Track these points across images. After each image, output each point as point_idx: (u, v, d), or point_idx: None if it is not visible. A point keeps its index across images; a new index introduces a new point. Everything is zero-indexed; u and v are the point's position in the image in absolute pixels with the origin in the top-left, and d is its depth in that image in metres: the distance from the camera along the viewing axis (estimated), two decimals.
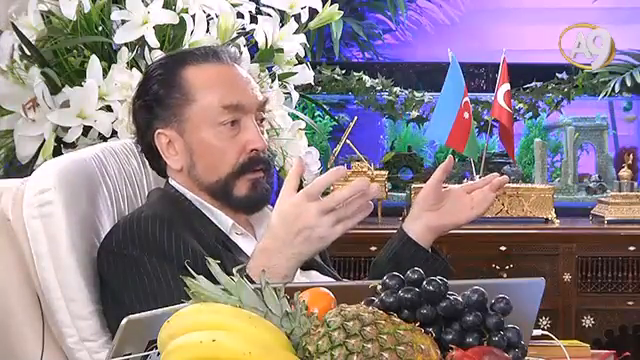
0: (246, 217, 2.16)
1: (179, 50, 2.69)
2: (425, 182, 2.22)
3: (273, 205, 2.19)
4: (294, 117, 3.25)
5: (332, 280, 2.14)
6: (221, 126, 2.08)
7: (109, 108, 2.84)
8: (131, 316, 1.37)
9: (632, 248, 3.60)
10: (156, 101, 2.10)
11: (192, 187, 2.12)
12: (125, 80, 2.82)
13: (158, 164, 2.17)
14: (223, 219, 2.11)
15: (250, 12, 3.13)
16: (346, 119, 4.12)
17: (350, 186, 1.84)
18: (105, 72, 2.84)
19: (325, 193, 1.90)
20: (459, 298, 1.35)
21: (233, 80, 2.12)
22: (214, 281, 1.34)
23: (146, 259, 1.98)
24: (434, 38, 4.43)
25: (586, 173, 4.16)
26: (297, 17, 3.20)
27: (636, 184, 3.84)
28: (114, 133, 2.82)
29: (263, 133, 2.13)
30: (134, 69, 2.84)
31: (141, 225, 2.01)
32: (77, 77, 2.87)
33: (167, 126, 2.10)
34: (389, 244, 2.22)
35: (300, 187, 2.30)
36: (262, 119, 2.15)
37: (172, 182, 2.16)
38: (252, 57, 3.05)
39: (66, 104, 2.84)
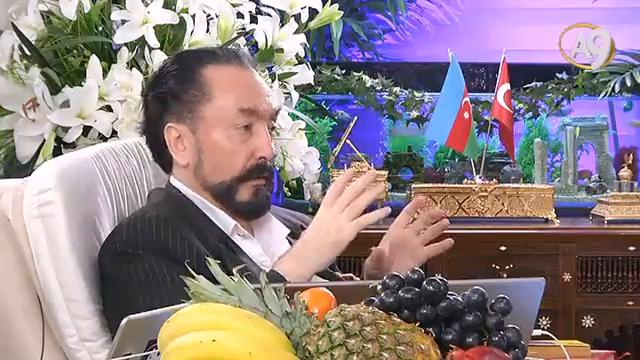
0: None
1: (199, 48, 2.70)
2: (425, 182, 2.22)
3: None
4: (294, 117, 3.25)
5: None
6: (234, 129, 2.09)
7: (109, 108, 2.84)
8: (131, 316, 1.37)
9: (632, 248, 3.59)
10: (171, 95, 2.11)
11: (195, 185, 2.13)
12: (125, 80, 2.81)
13: (163, 158, 2.17)
14: (225, 220, 2.12)
15: (250, 12, 3.13)
16: (346, 116, 4.12)
17: (360, 179, 2.02)
18: (105, 72, 2.84)
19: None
20: (459, 298, 1.35)
21: (252, 85, 2.13)
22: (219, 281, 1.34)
23: (153, 258, 1.99)
24: (434, 38, 4.42)
25: (586, 172, 4.16)
26: (297, 17, 3.20)
27: (636, 184, 3.83)
28: (114, 133, 2.83)
29: (272, 141, 2.14)
30: (134, 69, 2.84)
31: (145, 226, 2.02)
32: (77, 77, 2.87)
33: (179, 121, 2.10)
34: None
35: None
36: (272, 127, 2.16)
37: (174, 181, 2.16)
38: None
39: (66, 104, 2.84)
